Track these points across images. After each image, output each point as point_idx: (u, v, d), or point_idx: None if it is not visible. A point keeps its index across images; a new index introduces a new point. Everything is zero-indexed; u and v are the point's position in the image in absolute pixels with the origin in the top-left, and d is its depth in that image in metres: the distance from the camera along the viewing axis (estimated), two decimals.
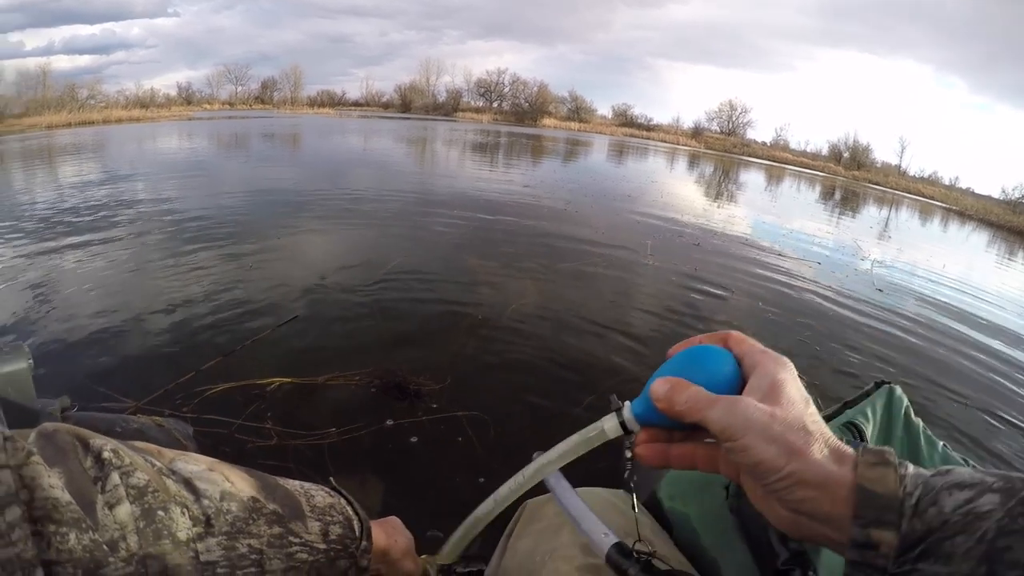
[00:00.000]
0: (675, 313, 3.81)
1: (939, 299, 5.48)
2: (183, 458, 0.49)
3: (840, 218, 12.25)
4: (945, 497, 0.37)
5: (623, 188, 10.85)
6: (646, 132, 44.17)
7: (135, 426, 1.03)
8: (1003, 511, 0.35)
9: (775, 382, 0.44)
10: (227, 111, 34.15)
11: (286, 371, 2.52)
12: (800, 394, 0.43)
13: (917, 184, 32.28)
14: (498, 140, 22.21)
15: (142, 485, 0.42)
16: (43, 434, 0.40)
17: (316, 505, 0.58)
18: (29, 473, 0.36)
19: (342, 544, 0.58)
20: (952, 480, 0.38)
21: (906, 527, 0.37)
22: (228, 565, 0.45)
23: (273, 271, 3.93)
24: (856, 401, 0.80)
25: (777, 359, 0.46)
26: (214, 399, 2.29)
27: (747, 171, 23.41)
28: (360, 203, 6.64)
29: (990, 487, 0.37)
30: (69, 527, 0.36)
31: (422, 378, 2.57)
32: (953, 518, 0.36)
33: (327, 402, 2.38)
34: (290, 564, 0.51)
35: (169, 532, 0.42)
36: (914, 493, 0.38)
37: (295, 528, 0.53)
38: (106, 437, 0.43)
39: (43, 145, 12.97)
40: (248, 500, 0.50)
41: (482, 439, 2.19)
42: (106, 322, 2.96)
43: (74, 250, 4.21)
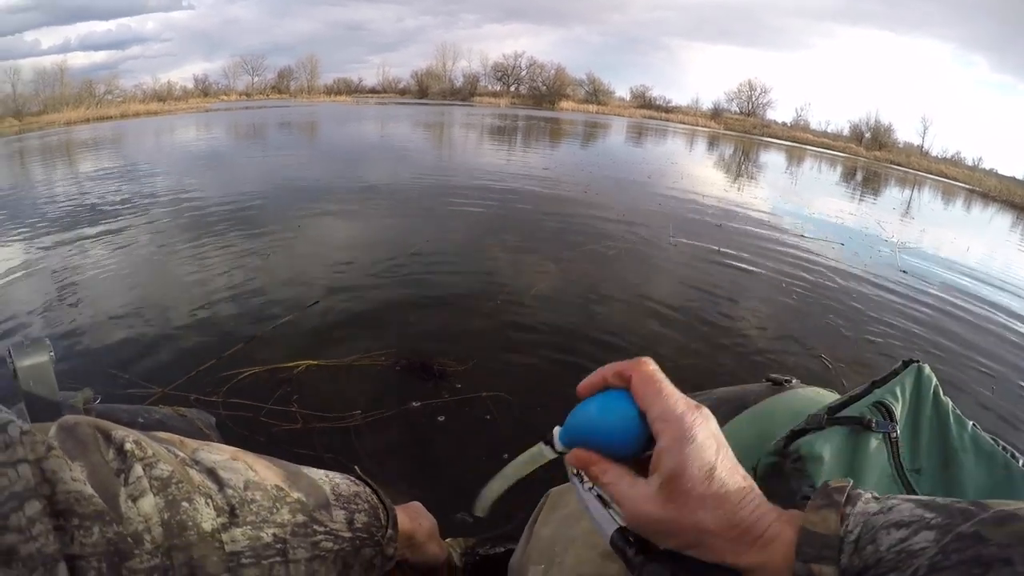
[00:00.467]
0: (700, 295, 3.81)
1: (963, 280, 5.41)
2: (206, 448, 0.49)
3: (862, 199, 12.04)
4: (883, 536, 0.39)
5: (643, 170, 10.76)
6: (665, 114, 43.55)
7: (157, 417, 1.00)
8: (936, 548, 0.36)
9: (671, 476, 0.44)
10: (244, 102, 34.12)
11: (311, 354, 2.54)
12: (701, 474, 0.44)
13: (939, 165, 31.48)
14: (516, 124, 22.02)
15: (165, 476, 0.42)
16: (64, 427, 0.40)
17: (341, 494, 0.58)
18: (50, 467, 0.36)
19: (368, 532, 0.58)
20: (891, 519, 0.40)
21: (845, 562, 0.39)
22: (253, 555, 0.45)
23: (294, 257, 3.97)
24: (884, 380, 0.78)
25: (675, 438, 0.45)
26: (241, 384, 2.31)
27: (767, 152, 23.03)
28: (379, 189, 6.65)
29: (927, 524, 0.38)
30: (92, 520, 0.36)
31: (446, 359, 2.57)
32: (887, 556, 0.38)
33: (353, 384, 2.39)
34: (315, 553, 0.51)
35: (194, 523, 0.42)
36: (854, 531, 0.40)
37: (320, 517, 0.52)
38: (128, 428, 0.43)
39: (62, 141, 13.05)
40: (272, 489, 0.49)
41: (506, 419, 2.20)
42: (130, 311, 2.99)
43: (96, 241, 4.28)
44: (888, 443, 0.74)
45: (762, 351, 3.01)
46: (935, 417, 0.77)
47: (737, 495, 0.44)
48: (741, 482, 0.45)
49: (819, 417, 0.76)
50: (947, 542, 0.36)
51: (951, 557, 0.35)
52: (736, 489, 0.45)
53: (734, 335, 3.20)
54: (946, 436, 0.76)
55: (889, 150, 35.44)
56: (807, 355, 3.03)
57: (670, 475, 0.44)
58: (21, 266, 3.74)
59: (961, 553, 0.35)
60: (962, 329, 3.95)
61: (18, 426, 0.36)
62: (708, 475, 0.44)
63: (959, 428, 0.76)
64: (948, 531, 0.37)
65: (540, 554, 0.76)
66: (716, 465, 0.45)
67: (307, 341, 2.71)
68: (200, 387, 2.28)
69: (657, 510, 0.45)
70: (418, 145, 13.14)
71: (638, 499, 0.46)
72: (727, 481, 0.45)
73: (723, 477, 0.45)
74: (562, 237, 4.95)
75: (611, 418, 0.50)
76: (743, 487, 0.45)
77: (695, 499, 0.44)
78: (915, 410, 0.77)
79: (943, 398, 0.78)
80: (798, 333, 3.35)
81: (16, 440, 0.35)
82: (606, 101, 45.05)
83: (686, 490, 0.44)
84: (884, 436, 0.74)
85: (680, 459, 0.44)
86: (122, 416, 0.93)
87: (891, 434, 0.73)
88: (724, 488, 0.44)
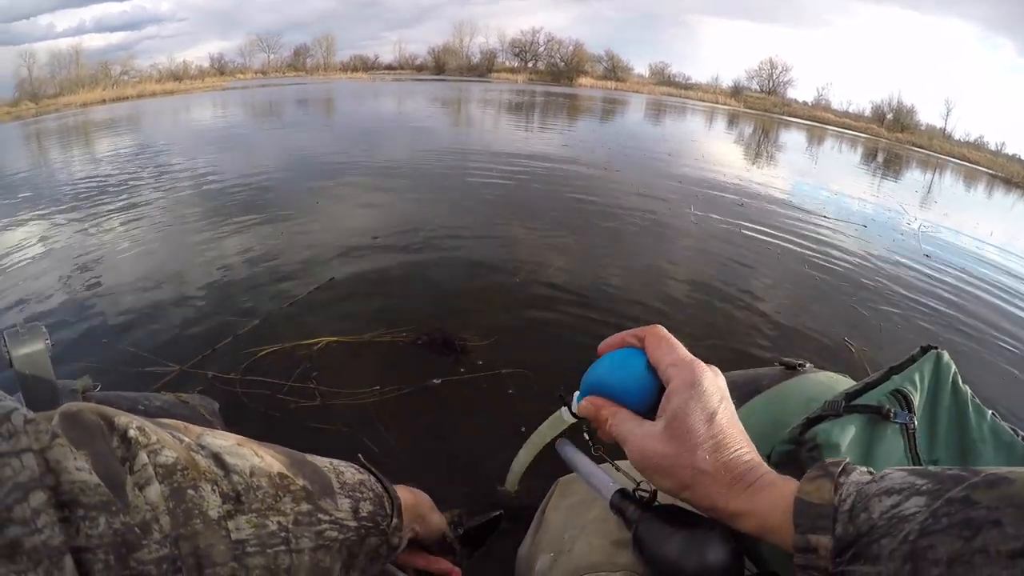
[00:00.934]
0: (723, 272, 3.80)
1: (987, 266, 5.33)
2: (210, 433, 0.48)
3: (883, 181, 11.87)
4: (875, 503, 0.40)
5: (663, 147, 10.65)
6: (684, 91, 42.90)
7: (158, 403, 0.99)
8: (927, 512, 0.37)
9: (676, 414, 0.48)
10: (260, 80, 34.08)
11: (330, 331, 2.54)
12: (703, 415, 0.48)
13: (962, 148, 30.70)
14: (534, 100, 21.83)
15: (170, 463, 0.41)
16: (67, 415, 0.39)
17: (346, 482, 0.56)
18: (54, 456, 0.35)
19: (373, 521, 0.57)
20: (883, 486, 0.41)
21: (840, 531, 0.40)
22: (259, 543, 0.44)
23: (311, 234, 3.97)
24: (902, 367, 0.77)
25: (684, 381, 0.49)
26: (259, 362, 2.31)
27: (788, 131, 22.71)
28: (397, 166, 6.63)
29: (918, 490, 0.39)
30: (99, 511, 0.35)
31: (468, 334, 2.58)
32: (879, 522, 0.39)
33: (373, 361, 2.38)
34: (319, 542, 0.50)
35: (200, 511, 0.41)
36: (847, 500, 0.41)
37: (325, 505, 0.52)
38: (131, 415, 0.42)
39: (79, 122, 13.13)
40: (276, 476, 0.48)
41: (527, 395, 2.20)
42: (148, 288, 3.02)
43: (113, 220, 4.32)
44: (905, 433, 0.72)
45: (784, 332, 3.00)
46: (954, 406, 0.75)
47: (734, 443, 0.48)
48: (738, 435, 0.49)
49: (836, 404, 0.75)
50: (937, 506, 0.37)
51: (941, 521, 0.36)
52: (733, 438, 0.49)
53: (756, 315, 3.18)
54: (965, 426, 0.74)
55: (911, 132, 34.72)
56: (831, 338, 3.00)
57: (675, 413, 0.48)
58: (39, 244, 3.79)
59: (951, 516, 0.36)
60: (988, 313, 3.91)
61: (22, 414, 0.35)
62: (709, 418, 0.48)
63: (978, 418, 0.74)
64: (938, 496, 0.37)
65: (549, 543, 0.76)
66: (718, 411, 0.49)
67: (325, 318, 2.71)
68: (218, 365, 2.28)
69: (660, 446, 0.49)
70: (436, 122, 13.08)
71: (643, 436, 0.50)
72: (726, 428, 0.49)
73: (722, 424, 0.49)
74: (583, 214, 4.93)
75: (624, 369, 0.54)
76: (740, 439, 0.49)
77: (695, 439, 0.47)
78: (933, 398, 0.76)
79: (962, 386, 0.76)
80: (821, 315, 3.33)
81: (20, 429, 0.34)
82: (624, 78, 44.45)
83: (688, 429, 0.48)
84: (902, 427, 0.72)
85: (686, 399, 0.49)
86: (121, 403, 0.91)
87: (908, 425, 0.72)
88: (723, 434, 0.48)
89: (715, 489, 0.47)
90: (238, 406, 2.03)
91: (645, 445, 0.50)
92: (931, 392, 0.76)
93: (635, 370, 0.53)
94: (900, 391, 0.74)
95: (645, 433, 0.50)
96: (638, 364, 0.53)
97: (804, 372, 0.99)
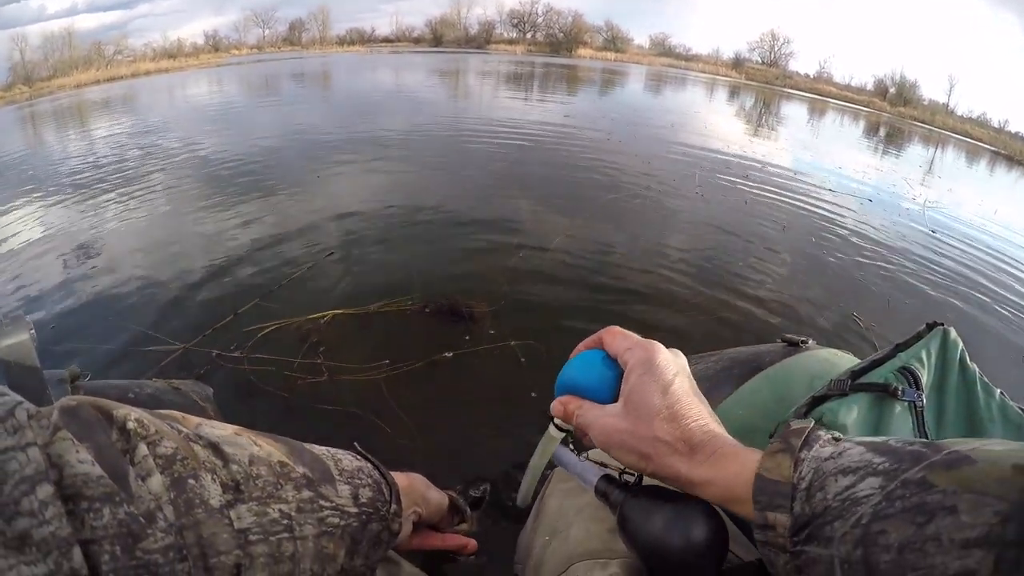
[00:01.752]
0: (728, 245, 3.79)
1: (994, 241, 5.31)
2: (208, 423, 0.48)
3: (886, 155, 11.79)
4: (831, 483, 0.39)
5: (664, 119, 10.57)
6: (685, 62, 42.36)
7: (149, 391, 0.98)
8: (881, 495, 0.36)
9: (632, 390, 0.51)
10: (256, 55, 33.46)
11: (334, 304, 2.53)
12: (657, 388, 0.50)
13: (965, 125, 30.38)
14: (532, 71, 21.58)
15: (170, 454, 0.41)
16: (66, 409, 0.39)
17: (344, 468, 0.57)
18: (57, 450, 0.35)
19: (373, 507, 0.57)
20: (840, 465, 0.39)
21: (797, 509, 0.39)
22: (261, 531, 0.44)
23: (310, 208, 3.95)
24: (908, 344, 0.76)
25: (638, 360, 0.52)
26: (265, 337, 2.29)
27: (789, 104, 22.51)
28: (395, 139, 6.57)
29: (874, 470, 0.38)
30: (102, 502, 0.35)
31: (473, 301, 2.57)
32: (833, 504, 0.38)
33: (381, 332, 2.37)
34: (322, 529, 0.50)
35: (201, 500, 0.41)
36: (806, 478, 0.40)
37: (325, 492, 0.52)
38: (129, 407, 0.42)
39: (73, 103, 12.96)
40: (276, 464, 0.49)
41: (537, 364, 2.19)
42: (148, 267, 3.00)
43: (109, 199, 4.28)
44: (913, 411, 0.72)
45: (790, 306, 2.98)
46: (961, 384, 0.75)
47: (690, 413, 0.49)
48: (696, 405, 0.51)
49: (842, 383, 0.74)
50: (892, 488, 0.36)
51: (895, 504, 0.35)
52: (690, 409, 0.50)
53: (762, 288, 3.16)
54: (973, 405, 0.73)
55: (914, 107, 34.34)
56: (837, 312, 3.00)
57: (631, 389, 0.52)
58: (37, 225, 3.76)
59: (905, 500, 0.35)
60: (997, 288, 3.90)
61: (25, 409, 0.36)
62: (663, 390, 0.50)
63: (987, 396, 0.73)
64: (894, 477, 0.36)
65: (545, 527, 0.76)
66: (672, 383, 0.51)
67: (328, 290, 2.70)
68: (222, 342, 2.26)
69: (618, 422, 0.51)
70: (435, 94, 12.93)
71: (604, 417, 0.53)
72: (682, 399, 0.50)
73: (678, 394, 0.50)
74: (586, 185, 4.90)
75: (584, 366, 0.58)
76: (698, 410, 0.50)
77: (651, 410, 0.49)
78: (941, 376, 0.75)
79: (970, 364, 0.75)
80: (828, 289, 3.32)
81: (25, 424, 0.35)
82: (624, 49, 43.87)
83: (643, 402, 0.50)
84: (910, 405, 0.72)
85: (640, 374, 0.51)
86: (111, 392, 0.92)
87: (916, 403, 0.71)
88: (679, 403, 0.50)
89: (675, 459, 0.48)
90: (246, 385, 2.01)
91: (606, 424, 0.53)
92: (938, 370, 0.75)
93: (594, 364, 0.57)
94: (907, 368, 0.74)
95: (605, 414, 0.53)
96: (596, 359, 0.58)
97: (807, 349, 0.99)
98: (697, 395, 0.52)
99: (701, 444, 0.48)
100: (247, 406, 1.92)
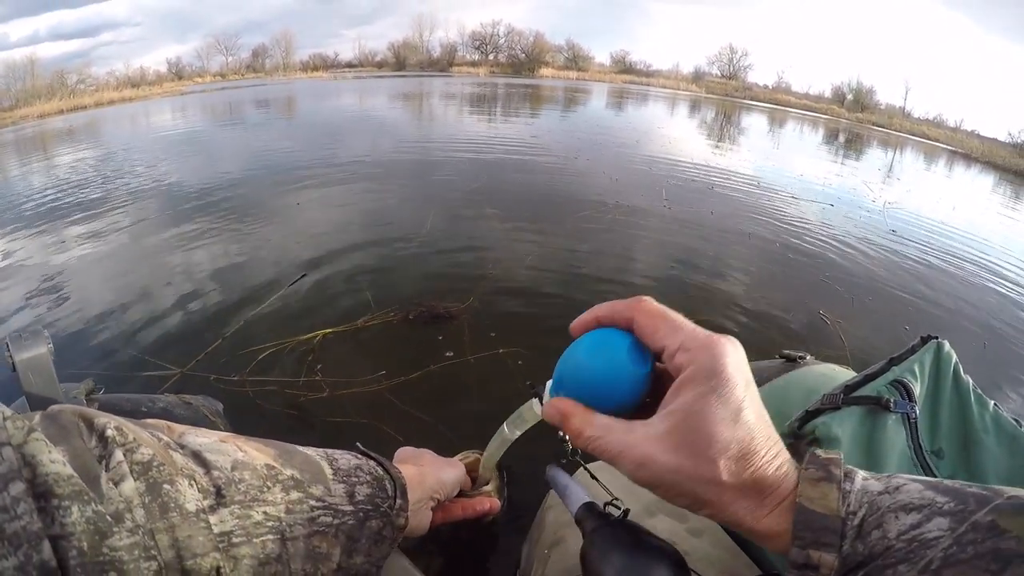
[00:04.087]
0: (696, 254, 3.85)
1: (951, 237, 5.50)
2: (193, 432, 0.49)
3: (846, 160, 12.09)
4: (891, 520, 0.35)
5: (630, 136, 10.72)
6: (646, 78, 43.24)
7: (162, 405, 1.01)
8: (951, 538, 0.33)
9: (689, 414, 0.38)
10: (219, 83, 33.46)
11: (320, 323, 2.57)
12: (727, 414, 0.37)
13: (922, 126, 31.46)
14: (496, 92, 21.79)
15: (146, 460, 0.42)
16: (47, 415, 0.41)
17: (340, 468, 0.57)
18: (30, 451, 0.36)
19: (372, 504, 0.57)
20: (900, 501, 0.36)
21: (848, 549, 0.35)
22: (244, 534, 0.45)
23: (279, 234, 3.94)
24: (902, 358, 0.76)
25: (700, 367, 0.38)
26: (262, 362, 2.30)
27: (750, 115, 23.00)
28: (361, 164, 6.57)
29: (940, 510, 0.34)
30: (71, 500, 0.36)
31: (449, 304, 2.70)
32: (897, 544, 0.34)
33: (374, 344, 2.42)
34: (314, 529, 0.51)
35: (176, 504, 0.42)
36: (858, 513, 0.36)
37: (315, 492, 0.52)
38: (110, 415, 0.43)
39: (36, 134, 12.74)
40: (262, 468, 0.50)
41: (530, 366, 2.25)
42: (124, 298, 2.96)
43: (78, 231, 4.21)
44: (906, 424, 0.72)
45: (761, 309, 3.04)
46: (955, 396, 0.75)
47: (764, 445, 0.38)
48: (768, 430, 0.39)
49: (835, 397, 0.74)
50: (962, 532, 0.33)
51: (967, 549, 0.32)
52: (764, 438, 0.38)
53: (732, 292, 3.23)
54: (967, 416, 0.74)
55: (871, 112, 35.47)
56: (805, 312, 3.09)
57: (688, 412, 0.38)
58: (5, 258, 3.67)
59: (977, 545, 0.32)
60: (953, 283, 4.06)
61: (0, 411, 0.37)
62: (735, 416, 0.37)
63: (980, 408, 0.74)
64: (963, 519, 0.33)
65: (545, 539, 0.76)
66: (744, 405, 0.38)
67: (310, 312, 2.73)
68: (217, 367, 2.28)
69: (667, 457, 0.38)
70: (399, 118, 12.98)
71: (641, 443, 0.39)
72: (755, 427, 0.38)
73: (750, 421, 0.38)
74: (557, 205, 4.93)
75: (604, 357, 0.43)
76: (770, 437, 0.39)
77: (717, 445, 0.37)
78: (934, 389, 0.76)
79: (963, 376, 0.76)
80: (795, 291, 3.42)
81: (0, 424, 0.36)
82: (586, 67, 44.69)
83: (707, 433, 0.37)
84: (903, 416, 0.72)
85: (704, 394, 0.37)
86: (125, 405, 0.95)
87: (910, 415, 0.72)
88: (751, 435, 0.38)
89: (739, 505, 0.38)
90: (252, 407, 2.04)
91: (644, 457, 0.39)
92: (932, 382, 0.76)
93: (618, 358, 0.42)
94: (900, 381, 0.74)
95: (642, 439, 0.39)
96: (621, 349, 0.42)
97: (805, 364, 0.99)
98: (764, 413, 0.40)
99: (772, 489, 0.38)
100: (256, 426, 1.92)
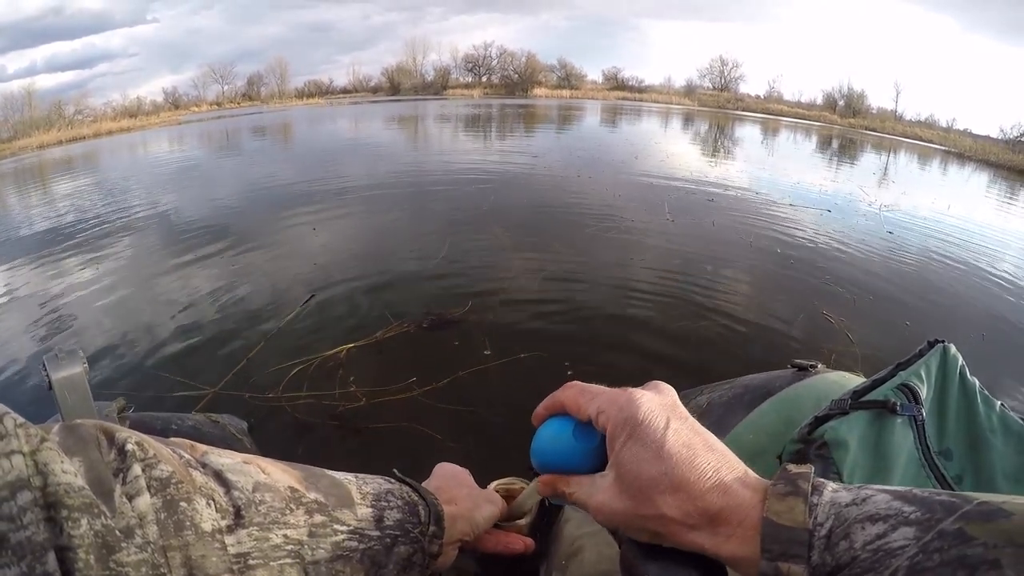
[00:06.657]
0: (704, 265, 3.92)
1: (947, 236, 5.57)
2: (216, 452, 0.48)
3: (841, 166, 12.19)
4: (857, 531, 0.35)
5: (628, 151, 10.83)
6: (639, 94, 43.46)
7: (190, 423, 1.03)
8: (917, 547, 0.33)
9: (618, 463, 0.43)
10: (216, 111, 33.52)
11: (342, 339, 2.65)
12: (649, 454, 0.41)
13: (914, 128, 31.55)
14: (491, 113, 21.94)
15: (165, 477, 0.41)
16: (66, 426, 0.40)
17: (368, 492, 0.56)
18: (42, 459, 0.36)
19: (401, 529, 0.56)
20: (866, 512, 0.36)
21: (816, 559, 0.36)
22: (261, 556, 0.45)
23: (285, 258, 4.06)
24: (909, 362, 0.78)
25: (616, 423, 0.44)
26: (294, 377, 2.38)
27: (743, 126, 23.17)
28: (361, 189, 6.66)
29: (906, 519, 0.35)
30: (81, 512, 0.36)
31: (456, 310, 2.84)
32: (862, 555, 0.34)
33: (398, 354, 2.53)
34: (337, 553, 0.50)
35: (192, 523, 0.41)
36: (825, 524, 0.37)
37: (341, 516, 0.52)
38: (132, 431, 0.43)
39: (36, 164, 12.93)
40: (285, 490, 0.49)
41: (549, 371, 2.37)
42: (129, 328, 3.01)
43: (86, 263, 4.26)
44: (914, 426, 0.74)
45: (768, 314, 3.14)
46: (962, 398, 0.77)
47: (698, 477, 0.40)
48: (703, 455, 0.41)
49: (843, 402, 0.76)
50: (928, 540, 0.33)
51: (933, 557, 0.32)
52: (694, 471, 0.40)
53: (739, 299, 3.33)
54: (974, 417, 0.75)
55: (863, 116, 35.57)
56: (810, 313, 3.16)
57: (619, 462, 0.43)
58: (10, 290, 3.75)
59: (944, 553, 0.32)
60: (949, 282, 4.14)
61: (12, 418, 0.36)
62: (656, 454, 0.41)
63: (987, 409, 0.76)
64: (929, 528, 0.33)
65: (563, 551, 0.76)
66: (666, 441, 0.41)
67: (328, 328, 2.82)
68: (248, 386, 2.35)
69: (615, 503, 0.43)
70: (397, 143, 13.05)
71: (596, 495, 0.45)
72: (682, 461, 0.40)
73: (676, 455, 0.40)
74: (563, 223, 5.01)
75: (557, 440, 0.51)
76: (705, 465, 0.40)
77: (649, 485, 0.41)
78: (941, 391, 0.77)
79: (970, 378, 0.78)
80: (799, 295, 3.50)
81: (11, 432, 0.35)
82: (579, 85, 44.94)
83: (638, 476, 0.41)
84: (910, 419, 0.74)
85: (622, 443, 0.43)
86: (155, 423, 0.96)
87: (917, 417, 0.74)
88: (679, 468, 0.40)
89: (694, 535, 0.40)
90: (292, 422, 2.11)
91: (602, 505, 0.44)
92: (939, 385, 0.77)
93: (565, 438, 0.50)
94: (906, 385, 0.76)
95: (597, 490, 0.45)
96: (566, 431, 0.50)
97: (816, 373, 1.02)
98: (701, 435, 0.43)
99: (722, 513, 0.39)
100: (300, 439, 2.03)
